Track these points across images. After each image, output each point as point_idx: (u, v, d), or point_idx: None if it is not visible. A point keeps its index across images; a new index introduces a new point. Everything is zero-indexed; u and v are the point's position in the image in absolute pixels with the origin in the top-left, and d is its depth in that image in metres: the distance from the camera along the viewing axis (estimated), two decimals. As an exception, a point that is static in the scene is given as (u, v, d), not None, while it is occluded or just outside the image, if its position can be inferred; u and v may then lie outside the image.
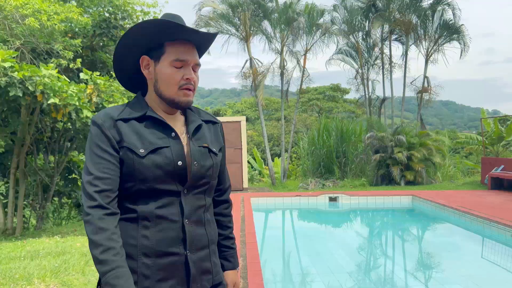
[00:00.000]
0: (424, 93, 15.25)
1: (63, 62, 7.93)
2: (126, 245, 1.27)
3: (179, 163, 1.31)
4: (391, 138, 12.59)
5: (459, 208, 7.78)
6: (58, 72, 7.72)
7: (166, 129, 1.34)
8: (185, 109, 1.43)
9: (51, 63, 7.69)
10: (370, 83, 16.15)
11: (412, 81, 15.60)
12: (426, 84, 15.23)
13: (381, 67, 15.69)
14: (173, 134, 1.34)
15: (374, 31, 14.93)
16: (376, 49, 15.74)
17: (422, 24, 14.72)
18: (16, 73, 6.59)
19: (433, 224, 8.49)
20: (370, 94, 16.15)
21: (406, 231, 8.08)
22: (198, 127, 1.42)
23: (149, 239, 1.27)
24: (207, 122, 1.49)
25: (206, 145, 1.40)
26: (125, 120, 1.31)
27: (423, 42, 15.07)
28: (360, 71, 15.80)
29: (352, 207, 9.78)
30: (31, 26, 7.42)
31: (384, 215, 9.58)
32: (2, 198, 10.61)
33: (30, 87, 6.76)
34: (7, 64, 6.44)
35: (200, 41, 1.37)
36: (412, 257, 6.13)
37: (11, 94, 6.69)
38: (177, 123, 1.40)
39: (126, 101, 7.21)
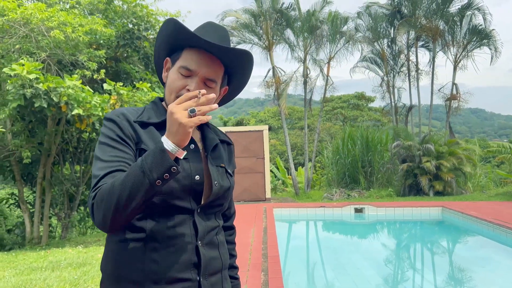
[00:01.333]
0: (452, 101, 14.78)
1: (87, 73, 8.03)
2: (132, 270, 1.14)
3: (197, 177, 1.19)
4: (419, 147, 12.23)
5: (492, 221, 7.39)
6: (83, 83, 7.82)
7: None
8: (202, 124, 1.33)
9: (75, 74, 7.79)
10: (396, 90, 15.82)
11: (440, 88, 15.19)
12: (454, 91, 14.77)
13: (407, 74, 15.34)
14: (192, 146, 1.23)
15: (400, 38, 14.63)
16: (402, 56, 15.41)
17: (450, 30, 14.32)
18: (41, 84, 6.69)
19: (464, 237, 8.11)
20: (396, 102, 15.80)
21: (436, 244, 7.74)
22: (215, 146, 1.33)
23: (158, 263, 1.14)
24: (222, 142, 1.40)
25: (223, 165, 1.32)
26: (143, 125, 1.21)
27: (451, 48, 14.65)
28: (385, 78, 15.49)
29: (379, 219, 9.48)
30: (56, 38, 7.55)
31: (412, 227, 9.25)
32: (30, 207, 10.81)
33: (54, 98, 6.85)
34: (32, 76, 6.55)
35: (226, 58, 1.21)
36: (442, 272, 5.83)
37: (36, 105, 6.80)
38: (193, 138, 1.28)
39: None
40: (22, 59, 7.23)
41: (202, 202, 1.22)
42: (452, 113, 15.03)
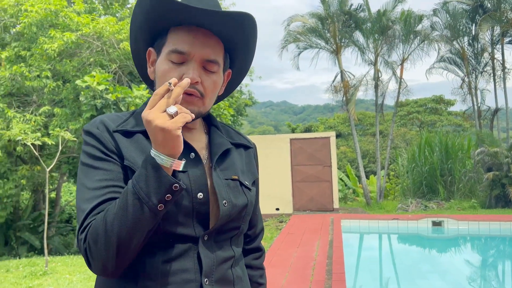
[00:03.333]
0: (547, 102, 13.22)
1: (155, 83, 8.24)
2: None
3: (199, 195, 0.94)
4: (507, 154, 11.05)
5: None
6: (150, 93, 8.02)
7: (183, 148, 0.93)
8: (210, 126, 1.08)
9: (143, 84, 8.02)
10: (479, 92, 14.60)
11: (532, 89, 13.67)
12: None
13: (491, 74, 14.03)
14: (192, 155, 0.97)
15: (483, 35, 13.44)
16: (486, 55, 14.16)
17: (543, 23, 12.84)
18: (110, 95, 6.94)
19: None
20: (479, 105, 14.56)
21: (530, 265, 6.80)
22: (226, 152, 1.04)
23: None
24: (238, 146, 1.11)
25: (235, 177, 1.02)
26: (127, 134, 0.96)
27: (545, 44, 13.15)
28: (466, 79, 14.32)
29: (460, 233, 8.61)
30: (126, 50, 7.83)
31: (499, 243, 8.29)
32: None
33: (122, 108, 7.07)
34: (101, 87, 6.81)
35: (223, 27, 0.95)
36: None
37: (106, 115, 7.07)
38: (196, 144, 1.01)
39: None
40: (94, 71, 7.59)
41: (210, 227, 0.96)
42: (547, 116, 13.45)
